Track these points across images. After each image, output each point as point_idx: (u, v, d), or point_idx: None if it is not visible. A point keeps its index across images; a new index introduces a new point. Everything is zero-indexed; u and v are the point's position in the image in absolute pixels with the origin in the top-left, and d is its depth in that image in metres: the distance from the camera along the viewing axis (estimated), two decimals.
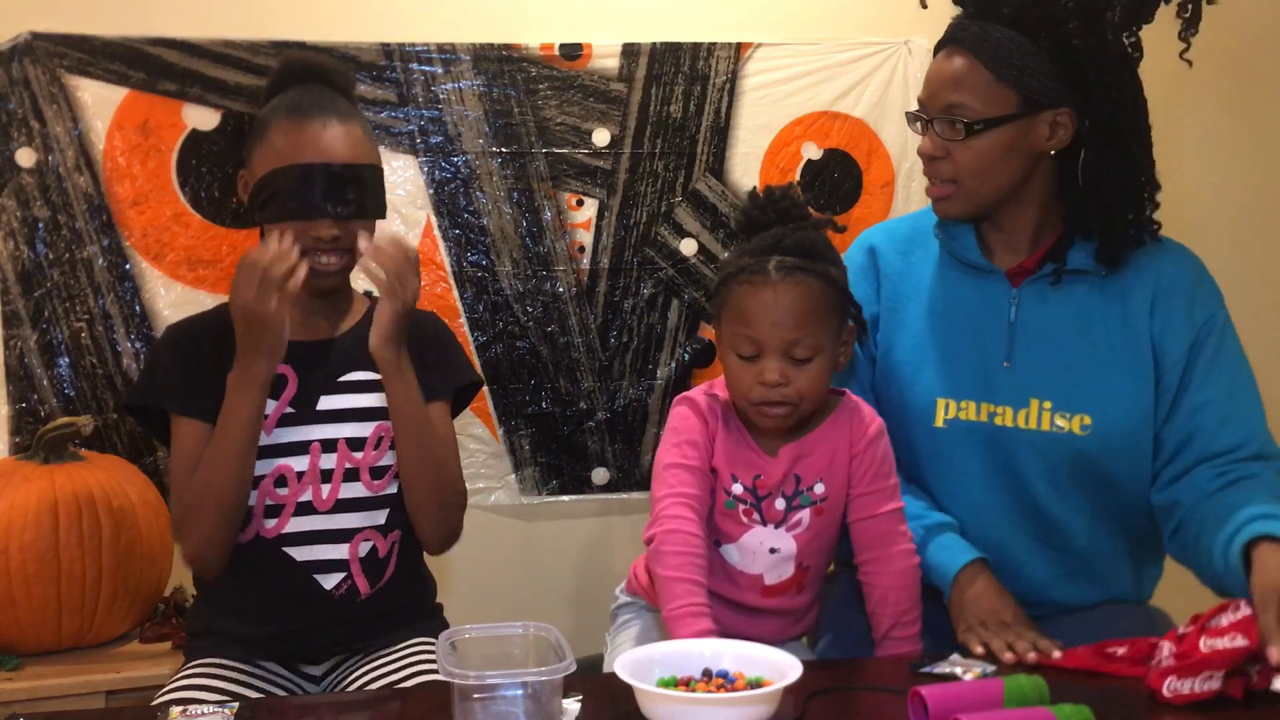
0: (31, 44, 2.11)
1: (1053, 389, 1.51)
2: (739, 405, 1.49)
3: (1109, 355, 1.51)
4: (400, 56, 2.24)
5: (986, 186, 1.50)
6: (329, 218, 1.51)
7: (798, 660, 1.15)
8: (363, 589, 1.55)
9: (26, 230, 2.13)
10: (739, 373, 1.46)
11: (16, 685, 1.78)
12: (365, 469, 1.57)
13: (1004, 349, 1.53)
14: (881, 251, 1.65)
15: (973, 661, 1.31)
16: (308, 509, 1.54)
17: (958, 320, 1.56)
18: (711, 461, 1.49)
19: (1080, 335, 1.52)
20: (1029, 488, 1.52)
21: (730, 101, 2.35)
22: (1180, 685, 1.19)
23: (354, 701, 1.36)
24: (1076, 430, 1.49)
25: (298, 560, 1.53)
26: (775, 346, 1.42)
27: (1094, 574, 1.57)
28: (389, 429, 1.57)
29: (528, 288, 2.31)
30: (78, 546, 1.85)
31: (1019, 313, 1.53)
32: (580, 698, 1.20)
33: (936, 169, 1.52)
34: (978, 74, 1.46)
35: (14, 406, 2.13)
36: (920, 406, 1.55)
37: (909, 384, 1.57)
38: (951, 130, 1.48)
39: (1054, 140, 1.49)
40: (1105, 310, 1.52)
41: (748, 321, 1.43)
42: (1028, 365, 1.52)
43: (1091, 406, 1.49)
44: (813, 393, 1.44)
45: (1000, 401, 1.52)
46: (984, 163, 1.48)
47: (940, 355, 1.55)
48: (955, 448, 1.54)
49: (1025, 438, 1.51)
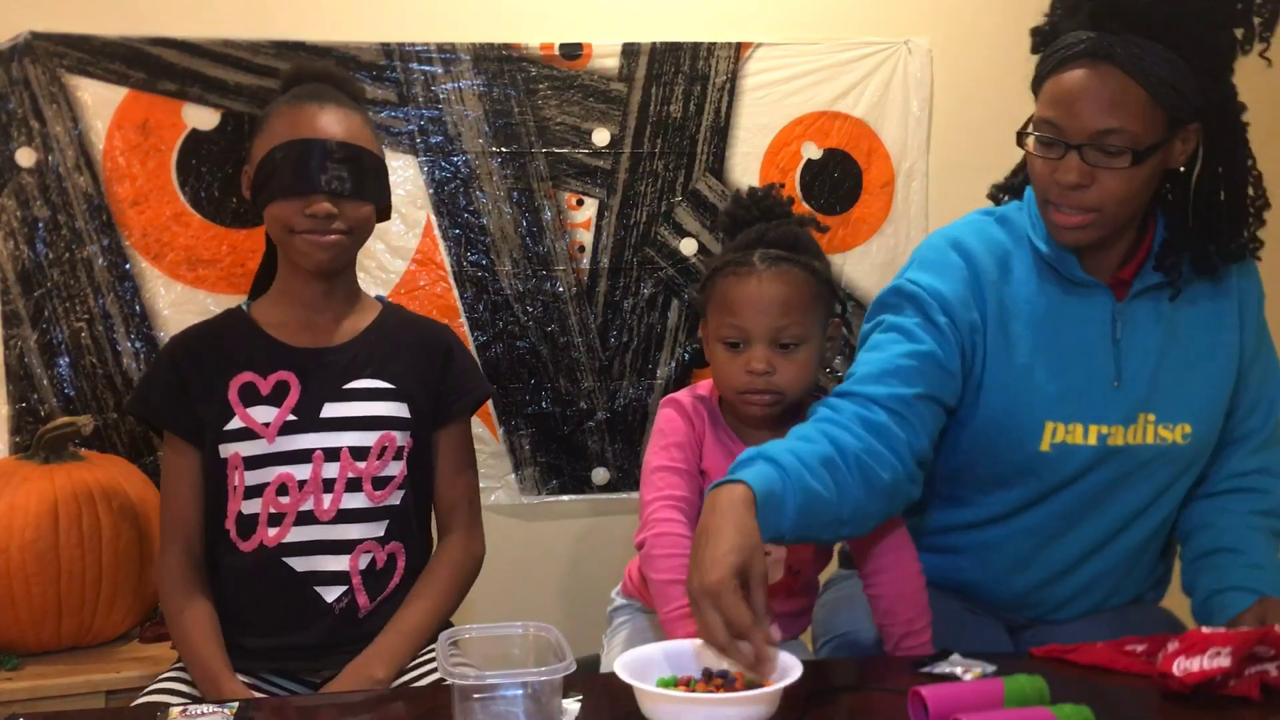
0: (31, 44, 2.11)
1: (1156, 402, 1.46)
2: (726, 396, 1.51)
3: (1201, 362, 1.48)
4: (400, 56, 2.24)
5: (1127, 211, 1.39)
6: (324, 193, 1.50)
7: (798, 660, 1.15)
8: (362, 604, 1.53)
9: (26, 230, 2.13)
10: (725, 363, 1.48)
11: (16, 685, 1.78)
12: (368, 479, 1.55)
13: (1113, 367, 1.45)
14: (977, 255, 1.49)
15: (973, 661, 1.30)
16: (309, 518, 1.53)
17: (1064, 339, 1.46)
18: (701, 464, 1.50)
19: (1175, 344, 1.47)
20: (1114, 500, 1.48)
21: (730, 101, 2.35)
22: (1189, 664, 1.19)
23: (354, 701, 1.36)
24: (1179, 440, 1.46)
25: (298, 571, 1.52)
26: (761, 334, 1.45)
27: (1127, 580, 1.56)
28: (393, 439, 1.57)
29: (528, 288, 2.31)
30: (78, 546, 1.85)
31: (1124, 329, 1.46)
32: (580, 698, 1.20)
33: (1079, 198, 1.37)
34: (1135, 95, 1.32)
35: (14, 406, 2.13)
36: (1027, 429, 1.45)
37: (1016, 405, 1.45)
38: (1108, 158, 1.34)
39: (1183, 156, 1.40)
40: (1200, 313, 1.49)
41: (734, 310, 1.46)
42: (1135, 382, 1.46)
43: (1191, 415, 1.47)
44: (798, 382, 1.46)
45: (1112, 422, 1.45)
46: (1133, 189, 1.36)
47: (1049, 376, 1.45)
48: (1053, 471, 1.47)
49: (1136, 454, 1.46)
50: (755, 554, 1.18)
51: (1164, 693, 1.21)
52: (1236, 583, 1.41)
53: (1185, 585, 1.51)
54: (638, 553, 1.48)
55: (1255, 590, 1.40)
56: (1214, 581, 1.44)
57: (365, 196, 1.54)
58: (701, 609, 1.14)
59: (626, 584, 1.64)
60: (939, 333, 1.44)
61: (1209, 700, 1.19)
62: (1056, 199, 1.39)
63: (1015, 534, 1.51)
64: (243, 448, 1.53)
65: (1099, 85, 1.33)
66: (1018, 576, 1.53)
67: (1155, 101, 1.32)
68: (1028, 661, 1.35)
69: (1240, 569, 1.43)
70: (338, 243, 1.53)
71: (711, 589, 1.13)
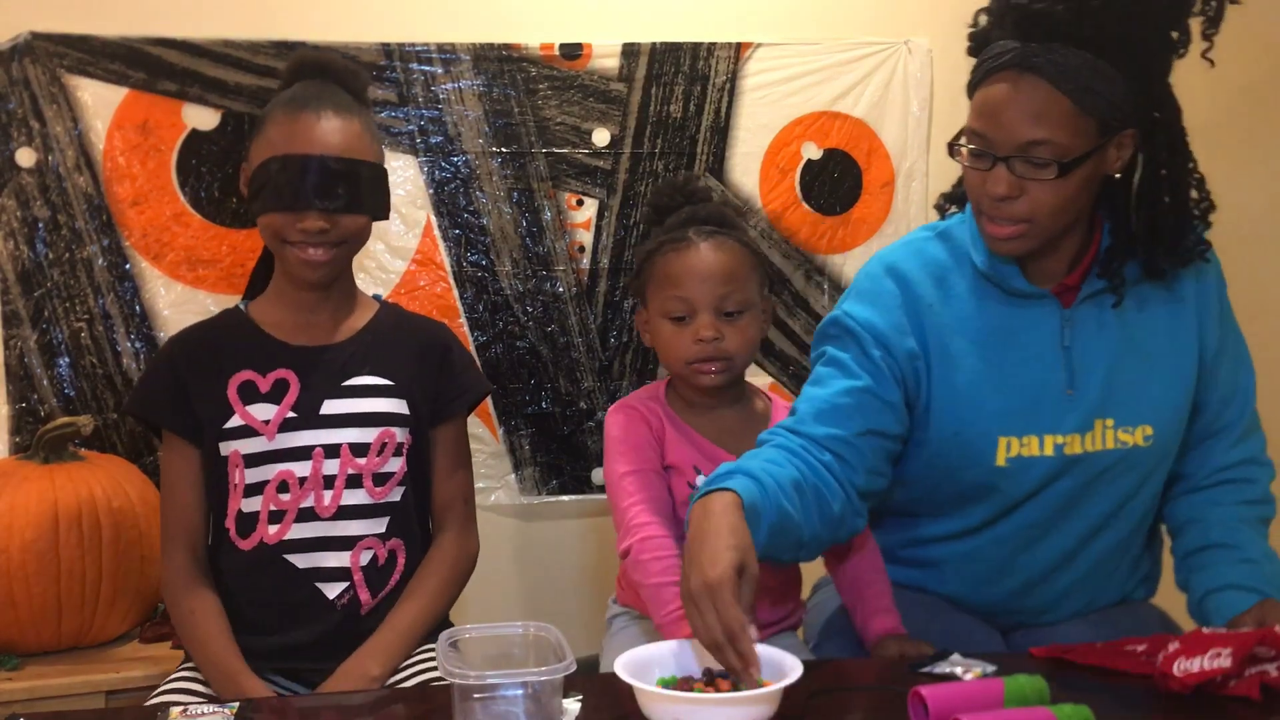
0: (31, 44, 2.11)
1: (1113, 407, 1.44)
2: (676, 371, 1.55)
3: (1160, 360, 1.47)
4: (400, 56, 2.24)
5: (1061, 222, 1.38)
6: (316, 210, 1.49)
7: (798, 660, 1.15)
8: (364, 599, 1.54)
9: (26, 230, 2.13)
10: (672, 338, 1.53)
11: (16, 685, 1.78)
12: (368, 475, 1.55)
13: (1064, 376, 1.44)
14: (913, 278, 1.48)
15: (973, 661, 1.31)
16: (310, 515, 1.53)
17: (1011, 352, 1.45)
18: (665, 460, 1.53)
19: (1130, 346, 1.46)
20: (1078, 506, 1.48)
21: (730, 101, 2.35)
22: (1190, 664, 1.19)
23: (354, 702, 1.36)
24: (1140, 443, 1.45)
25: (300, 568, 1.52)
26: (707, 303, 1.51)
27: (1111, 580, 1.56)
28: (392, 435, 1.57)
29: (528, 288, 2.31)
30: (78, 546, 1.85)
31: (1073, 335, 1.44)
32: (580, 698, 1.20)
33: (1009, 209, 1.36)
34: (1060, 106, 1.30)
35: (14, 406, 2.13)
36: (979, 446, 1.44)
37: (966, 425, 1.45)
38: (1036, 170, 1.32)
39: (1119, 163, 1.38)
40: (1153, 315, 1.48)
41: (678, 283, 1.51)
42: (1089, 388, 1.44)
43: (1151, 416, 1.45)
44: (745, 348, 1.53)
45: (1068, 431, 1.44)
46: (1065, 199, 1.35)
47: (998, 391, 1.44)
48: (1017, 485, 1.46)
49: (1097, 461, 1.45)
50: (750, 553, 1.19)
51: (1164, 693, 1.21)
52: (1232, 580, 1.42)
53: (1179, 582, 1.51)
54: (623, 560, 1.50)
55: (1250, 588, 1.40)
56: (1208, 580, 1.44)
57: (360, 210, 1.54)
58: (700, 608, 1.15)
59: (620, 592, 1.65)
60: (874, 367, 1.44)
61: (1208, 700, 1.19)
62: (988, 210, 1.38)
63: (988, 545, 1.51)
64: (242, 445, 1.53)
65: (1024, 97, 1.31)
66: (996, 585, 1.53)
67: (1082, 111, 1.30)
68: (1028, 661, 1.35)
69: (1233, 565, 1.43)
70: (330, 259, 1.54)
71: (713, 584, 1.14)
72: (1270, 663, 1.20)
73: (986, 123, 1.35)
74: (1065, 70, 1.29)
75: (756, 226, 2.37)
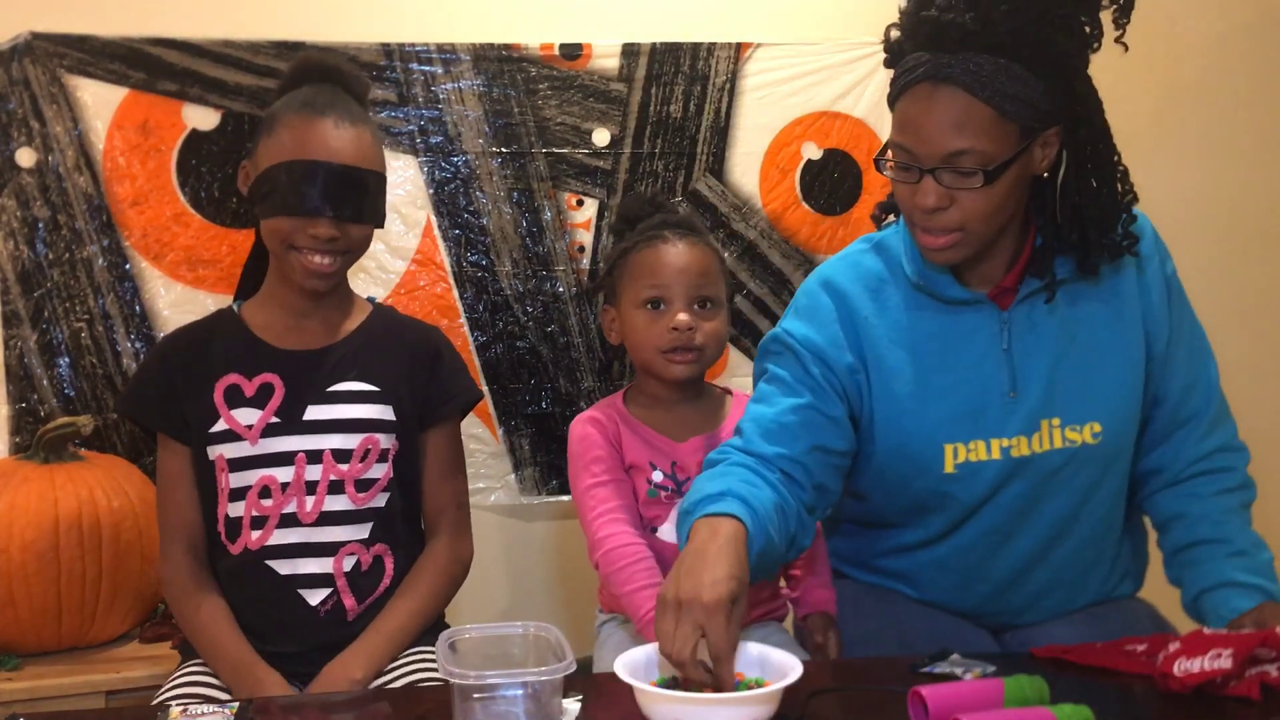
0: (31, 44, 2.11)
1: (1059, 406, 1.45)
2: (648, 360, 1.58)
3: (1106, 355, 1.47)
4: (400, 56, 2.24)
5: (994, 226, 1.39)
6: (327, 218, 1.50)
7: (798, 660, 1.16)
8: (349, 606, 1.53)
9: (26, 230, 2.13)
10: (647, 326, 1.58)
11: (16, 685, 1.78)
12: (350, 481, 1.55)
13: (1005, 379, 1.45)
14: (849, 292, 1.49)
15: (973, 661, 1.31)
16: (292, 521, 1.52)
17: (951, 359, 1.46)
18: (625, 462, 1.57)
19: (1072, 344, 1.46)
20: (1034, 505, 1.48)
21: (730, 101, 2.35)
22: (1190, 665, 1.19)
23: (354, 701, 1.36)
24: (1089, 440, 1.45)
25: (281, 574, 1.52)
26: (682, 293, 1.56)
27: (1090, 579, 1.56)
28: (376, 441, 1.56)
29: (528, 288, 2.31)
30: (78, 546, 1.85)
31: (1011, 338, 1.45)
32: (580, 698, 1.20)
33: (941, 220, 1.36)
34: (980, 113, 1.30)
35: (14, 406, 2.13)
36: (926, 455, 1.45)
37: (911, 434, 1.46)
38: (963, 179, 1.33)
39: (1045, 162, 1.39)
40: (1093, 311, 1.48)
41: (655, 273, 1.57)
42: (1032, 389, 1.44)
43: (1099, 413, 1.45)
44: (715, 342, 1.58)
45: (1012, 433, 1.44)
46: (995, 205, 1.35)
47: (939, 399, 1.45)
48: (963, 489, 1.47)
49: (1042, 462, 1.45)
50: (745, 588, 1.21)
51: (1164, 693, 1.21)
52: (1226, 577, 1.42)
53: (1171, 579, 1.51)
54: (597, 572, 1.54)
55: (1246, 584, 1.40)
56: (1202, 577, 1.44)
57: (367, 220, 1.55)
58: (678, 619, 1.15)
59: (602, 599, 1.66)
60: (815, 383, 1.45)
61: (1208, 701, 1.19)
62: (921, 222, 1.38)
63: (954, 553, 1.52)
64: (227, 450, 1.53)
65: (942, 108, 1.31)
66: (970, 590, 1.54)
67: (1002, 117, 1.30)
68: (1028, 661, 1.35)
69: (1224, 560, 1.43)
70: (335, 268, 1.55)
71: (709, 607, 1.14)
72: (1271, 663, 1.21)
73: (909, 136, 1.35)
74: (980, 78, 1.29)
75: (756, 226, 2.37)
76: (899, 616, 1.53)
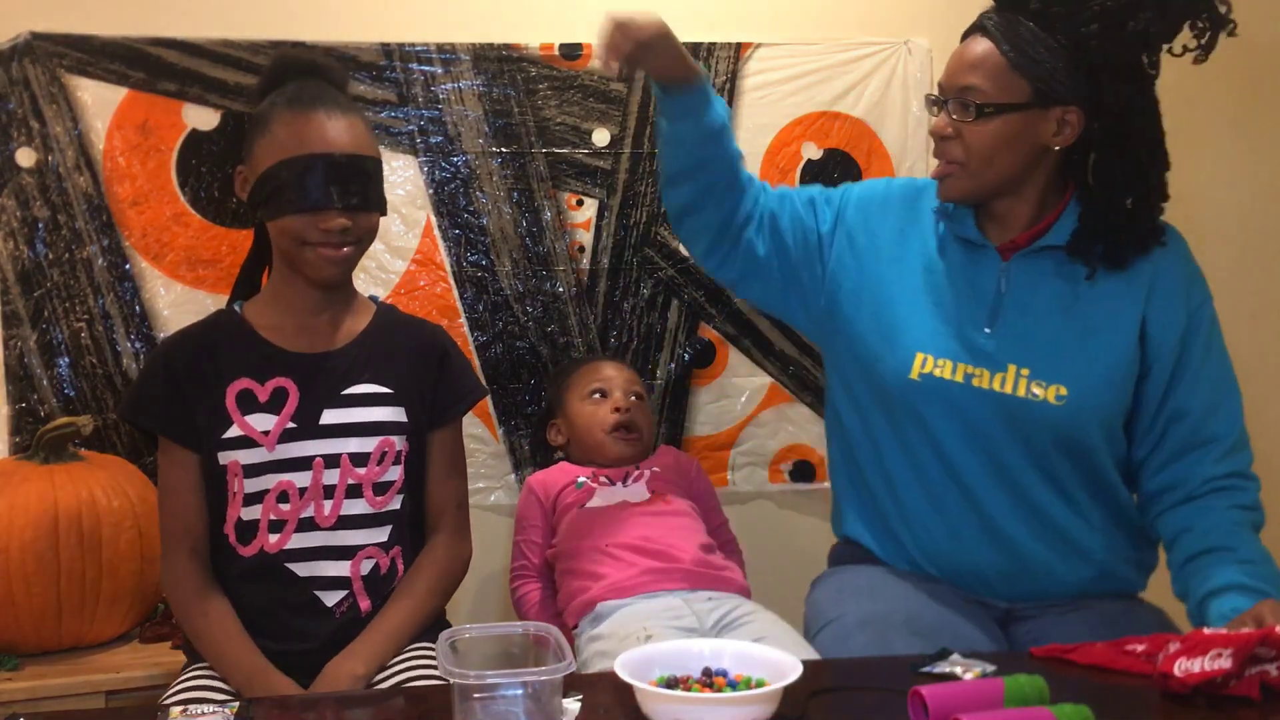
0: (31, 44, 2.11)
1: (1032, 358, 1.54)
2: (595, 441, 1.94)
3: (1094, 332, 1.55)
4: (400, 56, 2.24)
5: (990, 170, 1.54)
6: (336, 209, 1.49)
7: (798, 660, 1.16)
8: (364, 607, 1.53)
9: (26, 230, 2.13)
10: (593, 412, 1.96)
11: (16, 685, 1.78)
12: (368, 485, 1.55)
13: (987, 315, 1.57)
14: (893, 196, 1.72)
15: (973, 661, 1.31)
16: (310, 525, 1.52)
17: (947, 284, 1.61)
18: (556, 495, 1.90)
19: (1066, 311, 1.56)
20: (999, 451, 1.56)
21: (730, 101, 2.34)
22: (1191, 665, 1.19)
23: (354, 701, 1.36)
24: (1051, 399, 1.53)
25: (300, 576, 1.52)
26: (620, 385, 1.99)
27: (1080, 550, 1.59)
28: (392, 444, 1.56)
29: (528, 288, 2.31)
30: (78, 546, 1.85)
31: (1008, 284, 1.58)
32: (580, 698, 1.20)
33: (946, 149, 1.56)
34: (995, 60, 1.50)
35: (14, 406, 2.13)
36: (899, 357, 1.58)
37: (892, 333, 1.60)
38: (963, 111, 1.52)
39: (1060, 137, 1.53)
40: (1096, 289, 1.56)
41: (598, 375, 2.00)
42: (1009, 333, 1.56)
43: (1069, 378, 1.53)
44: (648, 426, 2.00)
45: (978, 364, 1.55)
46: (992, 147, 1.52)
47: (927, 313, 1.59)
48: (927, 403, 1.57)
49: (999, 401, 1.54)
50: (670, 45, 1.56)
51: (1164, 693, 1.21)
52: (1230, 581, 1.43)
53: (1178, 592, 1.52)
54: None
55: (1249, 588, 1.41)
56: (1207, 583, 1.45)
57: (373, 207, 1.55)
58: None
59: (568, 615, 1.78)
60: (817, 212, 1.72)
61: (1209, 700, 1.19)
62: (935, 151, 1.60)
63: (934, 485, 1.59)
64: (242, 456, 1.52)
65: (970, 50, 1.53)
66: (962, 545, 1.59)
67: (1013, 67, 1.50)
68: (1028, 661, 1.35)
69: (1230, 566, 1.45)
70: (349, 256, 1.54)
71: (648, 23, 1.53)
72: (1271, 663, 1.20)
73: (943, 74, 1.57)
74: (1008, 33, 1.50)
75: None
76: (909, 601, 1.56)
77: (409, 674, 1.47)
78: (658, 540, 1.73)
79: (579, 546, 1.78)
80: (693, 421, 2.37)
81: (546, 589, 1.88)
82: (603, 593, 1.68)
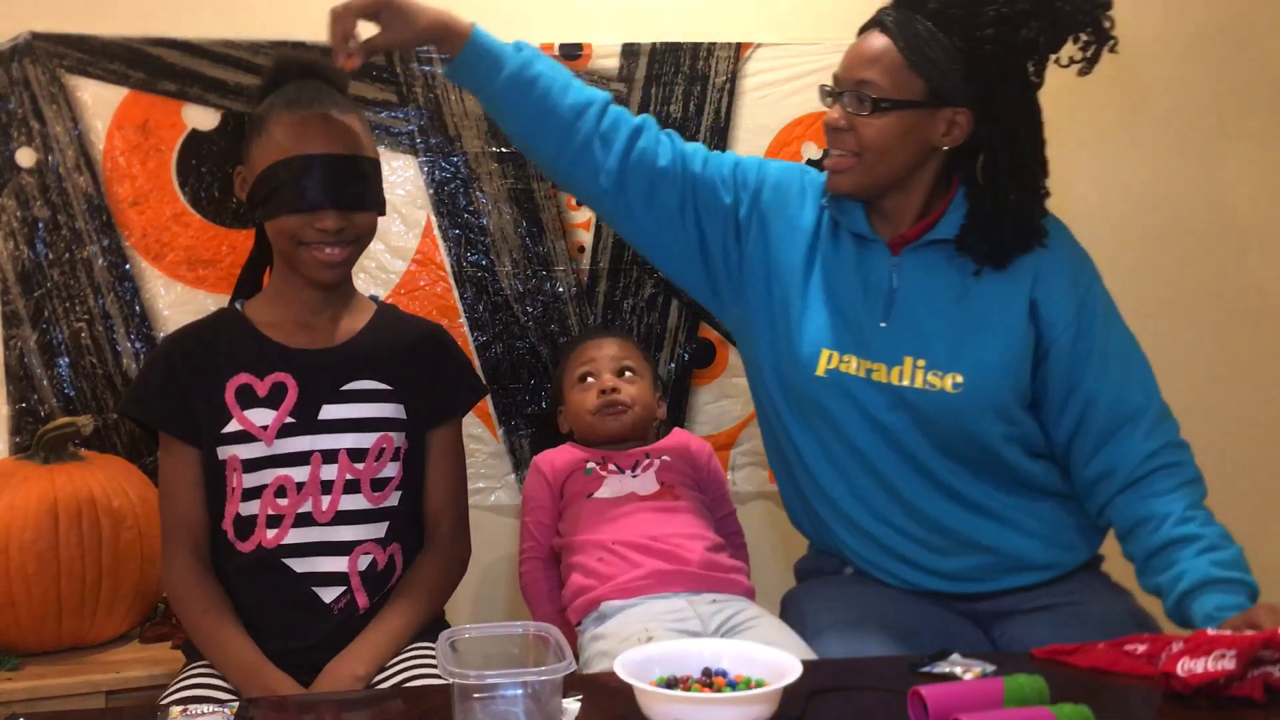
0: (31, 44, 2.11)
1: (926, 349, 1.57)
2: (586, 422, 1.94)
3: (986, 320, 1.57)
4: (400, 56, 2.24)
5: (882, 165, 1.56)
6: (332, 209, 1.50)
7: (798, 660, 1.16)
8: (362, 604, 1.53)
9: (26, 230, 2.13)
10: (582, 395, 1.96)
11: (16, 685, 1.78)
12: (366, 481, 1.55)
13: (881, 310, 1.60)
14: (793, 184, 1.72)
15: (973, 661, 1.31)
16: (307, 520, 1.52)
17: (841, 280, 1.63)
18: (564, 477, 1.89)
19: (957, 302, 1.58)
20: (904, 441, 1.58)
21: (730, 101, 2.35)
22: (1194, 665, 1.19)
23: (354, 701, 1.36)
24: (948, 388, 1.55)
25: (297, 572, 1.52)
26: (606, 366, 1.97)
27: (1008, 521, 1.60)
28: (391, 440, 1.57)
29: (528, 288, 2.31)
30: (77, 546, 1.85)
31: (900, 279, 1.60)
32: (580, 698, 1.20)
33: (840, 140, 1.58)
34: (892, 56, 1.52)
35: (14, 406, 2.13)
36: (806, 353, 1.61)
37: (798, 329, 1.62)
38: (859, 105, 1.54)
39: (948, 138, 1.55)
40: (983, 284, 1.59)
41: (585, 357, 1.99)
42: (903, 326, 1.58)
43: (964, 366, 1.55)
44: (641, 398, 1.96)
45: (876, 359, 1.58)
46: (885, 142, 1.54)
47: (827, 309, 1.62)
48: (834, 398, 1.59)
49: (899, 394, 1.57)
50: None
51: (1165, 693, 1.22)
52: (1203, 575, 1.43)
53: (1148, 587, 1.53)
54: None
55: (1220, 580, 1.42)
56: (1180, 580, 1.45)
57: (370, 206, 1.55)
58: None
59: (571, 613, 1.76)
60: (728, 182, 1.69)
61: (1211, 701, 1.19)
62: (827, 143, 1.62)
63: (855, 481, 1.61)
64: (240, 450, 1.52)
65: (866, 44, 1.55)
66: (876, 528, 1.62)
67: (908, 65, 1.51)
68: (1028, 661, 1.35)
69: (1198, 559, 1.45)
70: (345, 257, 1.55)
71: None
72: (1274, 664, 1.20)
73: (840, 66, 1.59)
74: (905, 30, 1.52)
75: None
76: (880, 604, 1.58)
77: (409, 674, 1.48)
78: (665, 540, 1.72)
79: (585, 541, 1.77)
80: (693, 421, 2.37)
81: (554, 575, 1.88)
82: (607, 593, 1.67)
